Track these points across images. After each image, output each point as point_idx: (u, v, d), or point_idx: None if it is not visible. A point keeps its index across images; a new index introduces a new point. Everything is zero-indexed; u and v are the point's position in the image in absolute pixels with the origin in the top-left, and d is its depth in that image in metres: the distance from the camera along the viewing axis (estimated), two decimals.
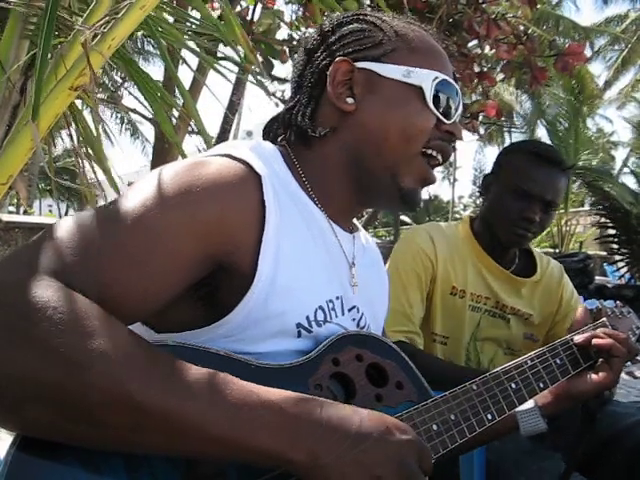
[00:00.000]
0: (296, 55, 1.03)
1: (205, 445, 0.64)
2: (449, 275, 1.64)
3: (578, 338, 1.14)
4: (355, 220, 1.06)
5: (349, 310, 0.96)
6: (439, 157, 0.95)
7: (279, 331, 0.83)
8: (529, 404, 1.10)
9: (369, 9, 1.02)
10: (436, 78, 0.92)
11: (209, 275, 0.79)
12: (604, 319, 1.23)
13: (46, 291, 0.62)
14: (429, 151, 0.93)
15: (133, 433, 0.62)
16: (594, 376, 1.13)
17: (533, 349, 1.77)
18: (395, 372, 0.90)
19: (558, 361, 1.10)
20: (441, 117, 0.93)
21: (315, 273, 0.89)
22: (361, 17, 0.97)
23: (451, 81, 0.95)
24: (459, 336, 1.66)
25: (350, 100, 0.92)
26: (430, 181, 0.95)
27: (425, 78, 0.91)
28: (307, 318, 0.85)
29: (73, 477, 0.63)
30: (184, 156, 1.44)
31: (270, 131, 1.04)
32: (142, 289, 0.71)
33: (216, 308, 0.80)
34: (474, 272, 1.67)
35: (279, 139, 1.00)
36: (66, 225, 0.71)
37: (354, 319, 0.97)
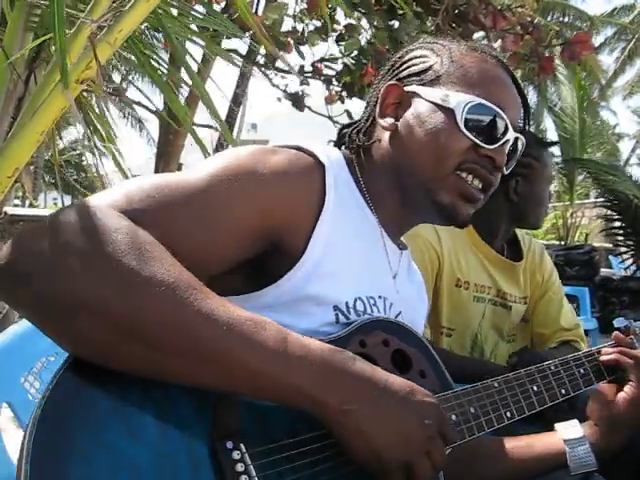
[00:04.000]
0: (302, 48, 1.08)
1: (245, 377, 0.67)
2: (453, 267, 1.65)
3: (604, 358, 1.11)
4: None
5: (396, 316, 0.99)
6: (473, 181, 0.96)
7: (315, 312, 0.86)
8: (578, 432, 1.05)
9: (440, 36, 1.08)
10: (469, 102, 0.93)
11: (261, 253, 0.83)
12: (632, 336, 1.23)
13: (113, 221, 0.68)
14: (462, 174, 0.95)
15: (178, 358, 0.65)
16: (624, 394, 1.06)
17: (526, 330, 1.80)
18: (419, 361, 0.92)
19: (582, 370, 1.09)
20: (477, 141, 0.94)
21: (359, 269, 0.92)
22: (427, 44, 1.03)
23: (493, 107, 0.94)
24: (465, 328, 1.67)
25: (390, 120, 0.98)
26: (470, 197, 0.96)
27: (459, 101, 0.93)
28: (346, 304, 0.89)
29: (118, 400, 0.66)
30: (195, 136, 1.44)
31: (339, 139, 1.11)
32: (202, 245, 0.76)
33: (256, 282, 0.85)
34: (476, 262, 1.69)
35: (343, 147, 1.07)
36: (140, 179, 0.77)
37: None
